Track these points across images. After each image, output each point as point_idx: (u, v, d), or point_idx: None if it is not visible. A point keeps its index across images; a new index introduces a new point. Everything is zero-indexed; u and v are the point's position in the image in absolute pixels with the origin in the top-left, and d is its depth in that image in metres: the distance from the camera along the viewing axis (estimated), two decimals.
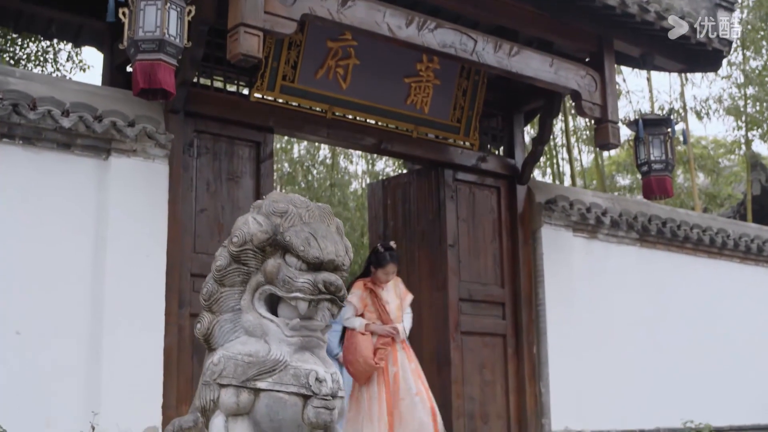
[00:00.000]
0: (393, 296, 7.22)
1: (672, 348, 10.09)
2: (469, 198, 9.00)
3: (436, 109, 8.70)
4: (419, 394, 6.93)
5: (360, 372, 6.99)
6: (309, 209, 3.94)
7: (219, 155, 7.55)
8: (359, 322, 7.06)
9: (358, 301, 7.10)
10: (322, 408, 3.66)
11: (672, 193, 8.96)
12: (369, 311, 7.12)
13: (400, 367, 7.00)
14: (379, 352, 6.95)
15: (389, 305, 7.13)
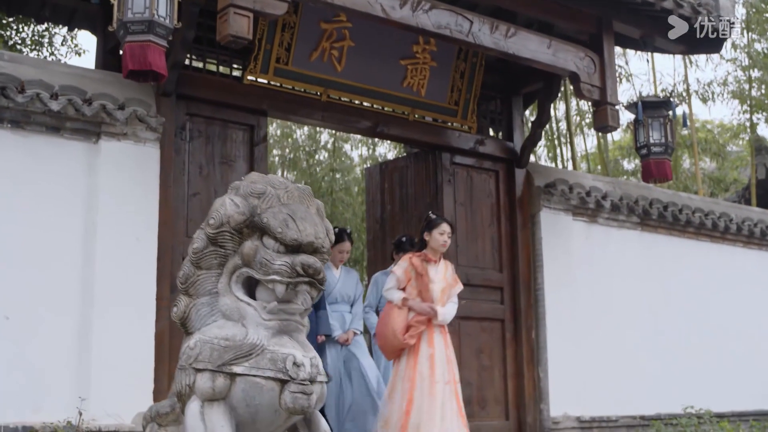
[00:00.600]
0: (441, 278, 6.81)
1: (673, 333, 10.00)
2: (467, 182, 8.91)
3: (433, 92, 8.60)
4: (449, 383, 6.58)
5: (388, 346, 6.70)
6: (288, 190, 3.87)
7: (212, 138, 7.47)
8: (398, 295, 6.71)
9: (402, 274, 6.73)
10: (300, 393, 3.60)
11: (671, 176, 8.85)
12: (412, 286, 6.74)
13: (436, 349, 6.62)
14: (412, 330, 6.57)
15: (434, 285, 6.72)
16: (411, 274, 6.72)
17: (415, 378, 6.48)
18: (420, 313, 6.61)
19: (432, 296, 6.67)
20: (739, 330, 10.61)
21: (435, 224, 6.77)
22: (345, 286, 7.84)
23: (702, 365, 10.11)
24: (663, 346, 9.83)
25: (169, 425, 3.89)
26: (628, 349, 9.51)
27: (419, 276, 6.68)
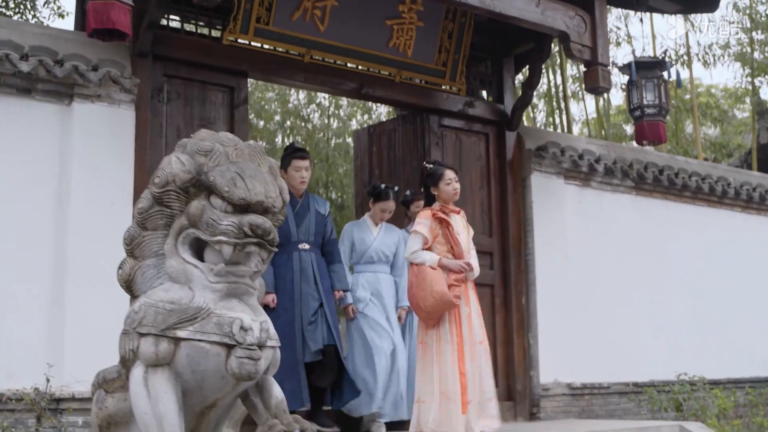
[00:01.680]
0: (462, 227, 6.38)
1: (668, 299, 9.83)
2: (456, 144, 8.72)
3: (420, 53, 8.39)
4: (482, 343, 6.26)
5: (433, 311, 6.10)
6: (237, 148, 3.71)
7: (191, 100, 7.30)
8: (430, 256, 6.16)
9: (428, 232, 6.19)
10: (246, 358, 3.45)
11: (665, 139, 8.66)
12: (439, 243, 6.22)
13: (472, 308, 6.26)
14: (454, 289, 6.07)
15: (461, 236, 6.28)
16: (437, 231, 6.22)
17: (460, 341, 6.07)
18: (457, 271, 6.15)
19: (462, 249, 6.25)
20: (737, 296, 10.44)
21: (439, 175, 6.32)
22: (382, 244, 7.46)
23: (698, 332, 9.95)
24: (657, 312, 9.67)
25: (116, 391, 3.74)
26: (621, 315, 9.35)
27: (447, 229, 6.21)
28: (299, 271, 6.78)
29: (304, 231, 6.87)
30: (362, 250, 7.39)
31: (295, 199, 6.87)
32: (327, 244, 7.02)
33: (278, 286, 6.70)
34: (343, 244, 7.39)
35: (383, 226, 7.52)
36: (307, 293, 6.72)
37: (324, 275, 6.91)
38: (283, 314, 6.59)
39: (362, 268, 7.44)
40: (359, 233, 7.45)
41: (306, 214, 6.93)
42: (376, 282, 7.39)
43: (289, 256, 6.75)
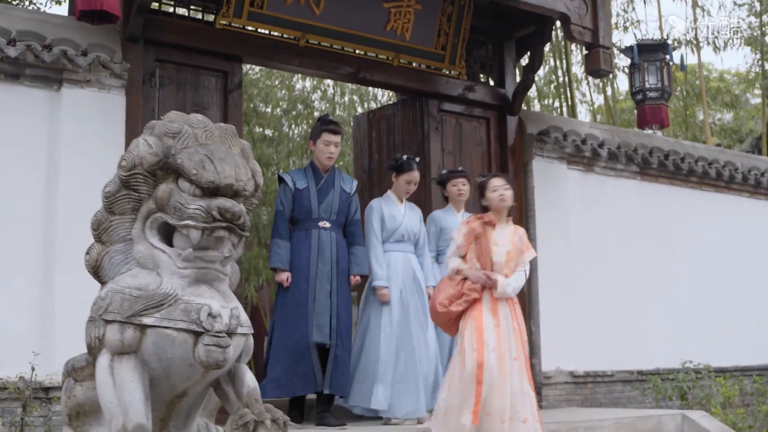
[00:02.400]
0: (507, 241, 5.89)
1: (675, 286, 9.69)
2: (456, 129, 8.60)
3: (418, 36, 8.26)
4: (518, 359, 5.68)
5: (437, 320, 6.04)
6: (207, 129, 3.61)
7: (183, 85, 7.20)
8: (452, 263, 5.91)
9: (463, 240, 5.91)
10: (213, 346, 3.34)
11: (668, 123, 8.53)
12: (471, 251, 5.91)
13: (502, 321, 5.72)
14: (464, 297, 5.75)
15: (497, 248, 5.83)
16: (472, 239, 5.91)
17: (482, 350, 5.57)
18: (476, 281, 5.76)
19: (493, 262, 5.80)
20: (745, 283, 10.28)
21: (485, 185, 5.96)
22: (410, 221, 7.07)
23: (704, 319, 9.80)
24: (664, 300, 9.52)
25: (85, 380, 3.66)
26: (626, 303, 9.21)
27: (477, 239, 5.87)
28: (317, 250, 6.54)
29: (325, 208, 6.61)
30: (393, 227, 6.96)
31: (319, 174, 6.70)
32: (350, 225, 6.77)
33: (294, 264, 6.51)
34: (373, 219, 6.95)
35: (406, 203, 7.14)
36: (323, 274, 6.50)
37: (343, 257, 6.64)
38: (297, 294, 6.44)
39: (392, 247, 6.96)
40: (388, 210, 7.01)
41: (330, 190, 6.67)
42: (407, 263, 6.97)
43: (307, 233, 6.56)
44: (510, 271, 5.81)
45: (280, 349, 6.42)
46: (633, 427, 7.00)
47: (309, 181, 6.67)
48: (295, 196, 6.61)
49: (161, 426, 3.59)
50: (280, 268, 6.53)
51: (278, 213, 6.63)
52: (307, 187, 6.64)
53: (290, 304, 6.48)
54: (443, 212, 7.44)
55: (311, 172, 6.73)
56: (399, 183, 7.09)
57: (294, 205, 6.61)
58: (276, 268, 6.54)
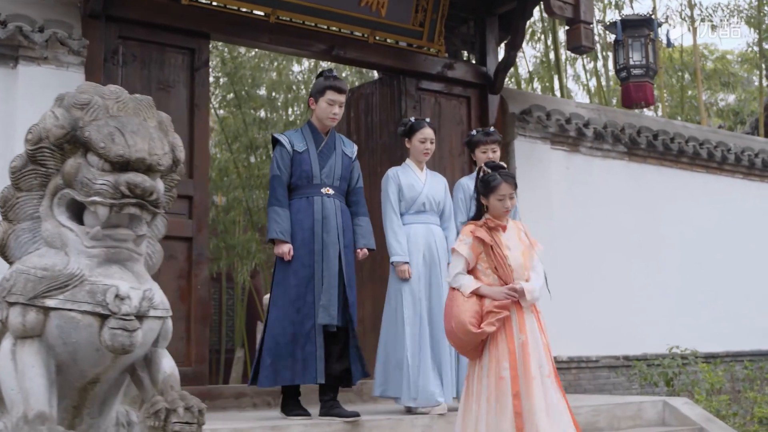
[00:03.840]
0: (516, 241, 5.24)
1: (664, 269, 9.45)
2: (435, 108, 8.37)
3: (394, 12, 8.04)
4: (551, 376, 5.05)
5: (459, 344, 5.15)
6: (120, 101, 3.40)
7: (148, 63, 7.01)
8: (467, 281, 5.09)
9: (470, 252, 5.12)
10: (120, 330, 3.15)
11: (653, 101, 8.29)
12: (483, 261, 5.14)
13: (529, 335, 5.05)
14: (491, 316, 4.97)
15: (511, 252, 5.15)
16: (479, 249, 5.15)
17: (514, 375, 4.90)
18: (501, 299, 5.02)
19: (512, 269, 5.11)
20: (738, 266, 10.03)
21: (492, 187, 5.20)
22: (432, 189, 6.43)
23: (695, 303, 9.57)
24: (653, 284, 9.29)
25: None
26: (612, 287, 8.98)
27: (489, 249, 5.13)
28: (321, 219, 5.82)
29: (328, 173, 5.91)
30: (412, 197, 6.32)
31: (319, 136, 5.99)
32: (353, 193, 6.09)
33: (295, 236, 5.78)
34: (389, 189, 6.33)
35: (427, 171, 6.53)
36: (329, 246, 5.79)
37: (348, 228, 5.96)
38: (301, 269, 5.74)
39: (412, 218, 6.33)
40: (406, 178, 6.36)
41: (331, 154, 5.98)
42: (429, 235, 6.33)
43: (309, 201, 5.84)
44: (526, 271, 5.18)
45: (278, 332, 5.72)
46: (611, 414, 6.79)
47: (308, 143, 5.95)
48: (294, 159, 5.88)
49: (74, 414, 3.41)
50: (280, 240, 5.77)
51: (275, 178, 5.88)
52: (307, 150, 5.92)
53: (292, 281, 5.75)
54: (470, 179, 6.66)
55: (310, 134, 6.00)
56: (414, 146, 6.46)
57: (293, 169, 5.88)
58: (275, 239, 5.77)
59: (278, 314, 5.76)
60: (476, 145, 6.60)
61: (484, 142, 6.55)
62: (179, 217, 6.88)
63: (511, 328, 5.01)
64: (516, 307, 5.05)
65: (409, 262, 6.18)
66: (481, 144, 6.57)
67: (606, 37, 12.07)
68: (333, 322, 5.70)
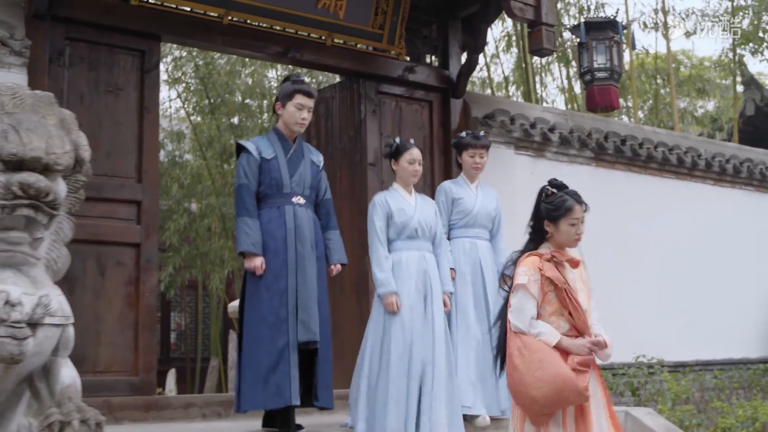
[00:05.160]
0: (581, 284, 4.49)
1: (633, 277, 9.29)
2: (395, 112, 8.21)
3: (353, 14, 7.88)
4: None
5: (550, 402, 4.13)
6: (17, 96, 3.25)
7: (96, 65, 6.82)
8: (546, 330, 4.23)
9: (538, 291, 4.26)
10: (8, 338, 2.99)
11: (618, 105, 8.14)
12: (549, 304, 4.29)
13: (596, 398, 4.28)
14: (582, 378, 4.14)
15: (578, 295, 4.37)
16: (547, 289, 4.31)
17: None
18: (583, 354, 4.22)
19: (585, 318, 4.35)
20: (709, 273, 9.89)
21: (565, 210, 4.42)
22: (423, 214, 6.00)
23: (665, 311, 9.42)
24: (621, 292, 9.11)
25: None
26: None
27: (560, 292, 4.30)
28: (294, 229, 5.49)
29: (298, 181, 5.61)
30: (403, 222, 5.88)
31: (287, 143, 5.69)
32: (322, 205, 5.81)
33: (267, 247, 5.44)
34: (375, 216, 5.91)
35: (416, 194, 6.13)
36: (304, 257, 5.47)
37: (321, 240, 5.68)
38: (274, 283, 5.39)
39: (403, 245, 5.90)
40: (396, 203, 5.94)
41: (300, 161, 5.68)
42: (422, 262, 5.89)
43: (280, 210, 5.52)
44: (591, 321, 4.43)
45: (254, 351, 5.37)
46: None
47: (276, 149, 5.64)
48: (262, 166, 5.56)
49: None
50: (251, 252, 5.40)
51: (242, 187, 5.53)
52: (276, 157, 5.60)
53: (264, 295, 5.41)
54: (454, 183, 6.58)
55: (277, 140, 5.69)
56: (402, 167, 6.03)
57: (261, 177, 5.56)
58: (246, 252, 5.41)
59: (251, 332, 5.42)
60: (465, 147, 6.48)
61: (474, 145, 6.43)
62: (127, 222, 6.73)
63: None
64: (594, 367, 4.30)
65: (398, 293, 5.72)
66: (470, 147, 6.45)
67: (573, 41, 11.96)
68: (315, 338, 5.38)
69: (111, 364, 6.51)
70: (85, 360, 6.34)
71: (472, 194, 6.52)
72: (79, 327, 6.29)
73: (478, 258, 6.44)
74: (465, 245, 6.44)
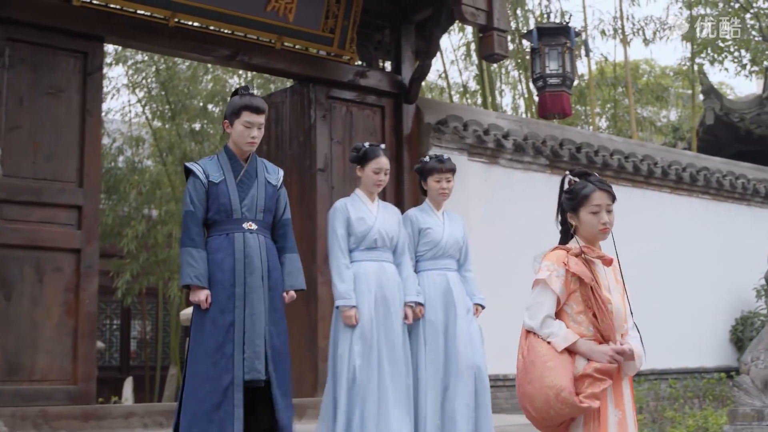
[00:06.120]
0: (614, 283, 4.01)
1: None
2: (346, 118, 8.12)
3: (303, 18, 7.79)
4: None
5: (544, 416, 3.72)
6: None
7: (38, 66, 6.69)
8: (563, 331, 3.78)
9: (562, 288, 3.83)
10: None
11: (570, 111, 8.10)
12: (576, 302, 3.84)
13: (626, 412, 3.80)
14: (593, 385, 3.67)
15: (611, 295, 3.91)
16: (574, 287, 3.86)
17: None
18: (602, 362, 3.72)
19: (615, 319, 3.86)
20: (665, 282, 9.86)
21: (583, 198, 3.98)
22: (385, 223, 5.77)
23: None
24: None
25: None
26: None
27: (588, 289, 3.83)
28: (243, 258, 5.04)
29: (249, 206, 5.14)
30: (362, 232, 5.67)
31: (237, 163, 5.20)
32: (279, 226, 5.33)
33: (214, 279, 5.00)
34: (336, 223, 5.69)
35: (379, 203, 5.90)
36: (253, 289, 5.04)
37: (275, 267, 5.20)
38: (220, 317, 4.95)
39: (362, 255, 5.69)
40: (356, 211, 5.72)
41: (252, 183, 5.19)
42: (382, 273, 5.68)
43: (229, 238, 5.06)
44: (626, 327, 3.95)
45: (193, 389, 4.96)
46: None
47: (225, 172, 5.16)
48: (210, 191, 5.11)
49: None
50: (196, 285, 4.97)
51: (189, 214, 5.08)
52: (224, 180, 5.13)
53: (209, 330, 4.97)
54: (420, 211, 6.16)
55: (227, 161, 5.21)
56: (366, 175, 5.78)
57: (208, 203, 5.11)
58: (190, 285, 4.98)
59: (194, 368, 5.00)
60: (429, 173, 6.07)
61: (439, 170, 6.03)
62: (67, 227, 6.59)
63: (606, 407, 3.74)
64: (616, 376, 3.80)
65: (357, 306, 5.52)
66: (436, 172, 6.04)
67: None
68: (260, 377, 4.98)
69: (48, 372, 6.37)
70: (22, 368, 6.23)
71: (440, 222, 6.12)
72: (16, 334, 6.26)
73: (450, 291, 6.01)
74: (435, 278, 6.00)
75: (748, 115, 13.51)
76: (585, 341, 3.74)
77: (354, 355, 5.48)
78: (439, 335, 5.92)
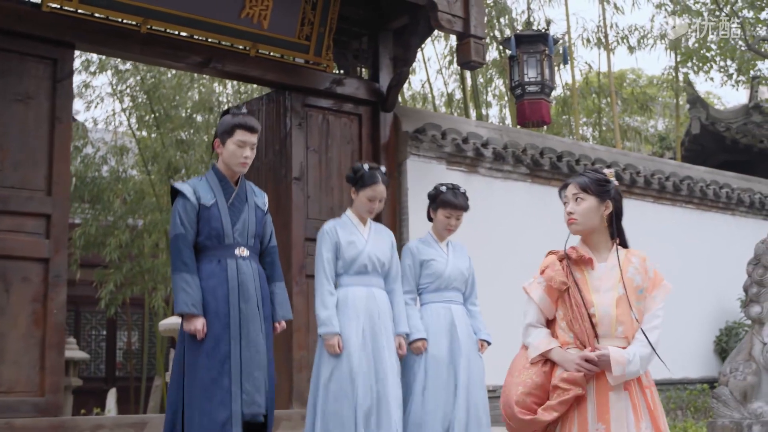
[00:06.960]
0: (612, 282, 3.70)
1: None
2: (323, 126, 8.03)
3: (278, 25, 7.71)
4: None
5: (508, 427, 3.64)
6: None
7: (6, 73, 6.59)
8: (537, 339, 3.67)
9: (542, 295, 3.73)
10: None
11: (549, 119, 8.03)
12: (562, 308, 3.70)
13: (613, 425, 3.46)
14: (556, 394, 3.52)
15: (600, 296, 3.66)
16: (557, 294, 3.72)
17: None
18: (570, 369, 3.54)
19: (594, 323, 3.61)
20: None
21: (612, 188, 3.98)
22: (376, 248, 5.54)
23: None
24: None
25: None
26: (513, 314, 8.63)
27: (562, 293, 3.69)
28: (237, 286, 4.78)
29: (241, 231, 4.89)
30: (352, 256, 5.44)
31: (228, 186, 4.94)
32: (267, 253, 5.09)
33: (207, 307, 4.73)
34: (323, 247, 5.46)
35: (371, 225, 5.66)
36: (249, 318, 4.78)
37: (268, 295, 4.98)
38: (215, 349, 4.69)
39: (351, 280, 5.46)
40: (346, 234, 5.49)
41: (243, 207, 4.95)
42: (371, 300, 5.45)
43: (222, 264, 4.80)
44: (629, 332, 3.68)
45: (191, 427, 4.65)
46: None
47: (216, 194, 4.90)
48: (201, 214, 4.84)
49: None
50: (191, 314, 4.67)
51: (179, 237, 4.79)
52: (216, 203, 4.87)
53: (203, 363, 4.70)
54: (422, 243, 6.04)
55: (217, 183, 4.93)
56: (360, 200, 5.58)
57: (199, 226, 4.84)
58: (185, 313, 4.68)
59: (190, 403, 4.70)
60: (441, 205, 5.98)
61: (453, 206, 5.95)
62: (35, 236, 6.48)
63: (585, 413, 3.51)
64: (597, 382, 3.53)
65: (344, 333, 5.29)
66: (448, 207, 5.96)
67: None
68: (260, 411, 4.75)
69: (14, 384, 6.24)
70: None
71: (443, 253, 5.98)
72: None
73: (454, 325, 5.86)
74: (439, 311, 5.84)
75: (734, 124, 13.48)
76: (559, 349, 3.58)
77: (339, 384, 5.26)
78: (443, 370, 5.76)
